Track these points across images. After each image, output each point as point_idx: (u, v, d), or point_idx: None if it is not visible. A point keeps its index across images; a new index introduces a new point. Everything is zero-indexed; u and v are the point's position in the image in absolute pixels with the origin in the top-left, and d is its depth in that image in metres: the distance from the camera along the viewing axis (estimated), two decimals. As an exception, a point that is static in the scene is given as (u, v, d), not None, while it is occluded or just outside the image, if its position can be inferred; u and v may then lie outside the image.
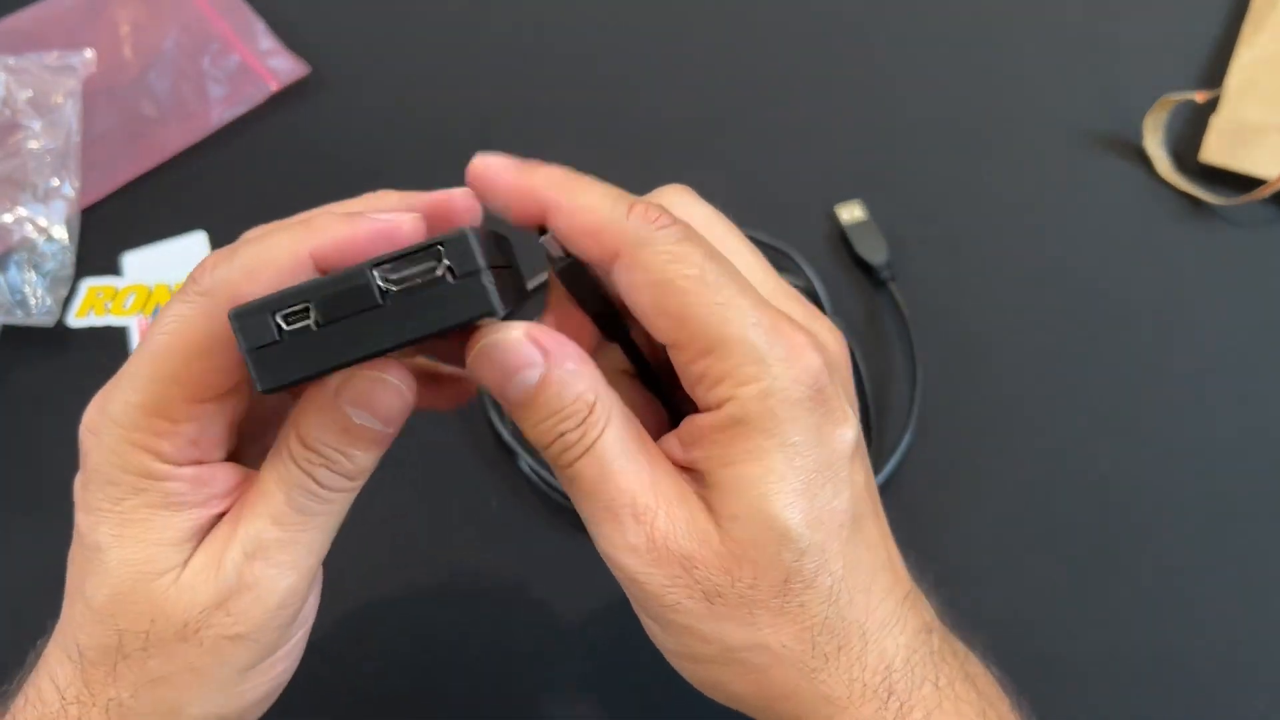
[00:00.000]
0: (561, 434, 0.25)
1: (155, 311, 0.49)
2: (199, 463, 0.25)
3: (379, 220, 0.24)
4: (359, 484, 0.26)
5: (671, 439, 0.26)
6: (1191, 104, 0.50)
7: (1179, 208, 0.49)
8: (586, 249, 0.26)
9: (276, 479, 0.25)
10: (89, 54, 0.55)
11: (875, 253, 0.48)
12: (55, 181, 0.50)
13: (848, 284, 0.48)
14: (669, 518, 0.24)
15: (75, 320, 0.49)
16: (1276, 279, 0.47)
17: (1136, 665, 0.39)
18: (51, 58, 0.54)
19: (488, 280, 0.23)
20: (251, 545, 0.24)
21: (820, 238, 0.49)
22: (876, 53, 0.55)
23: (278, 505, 0.25)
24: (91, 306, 0.49)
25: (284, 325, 0.23)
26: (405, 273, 0.23)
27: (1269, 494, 0.42)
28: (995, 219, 0.50)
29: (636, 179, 0.54)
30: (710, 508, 0.25)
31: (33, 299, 0.48)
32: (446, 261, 0.23)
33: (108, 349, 0.48)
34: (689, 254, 0.25)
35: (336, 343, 0.23)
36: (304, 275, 0.24)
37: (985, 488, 0.43)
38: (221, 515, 0.26)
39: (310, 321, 0.22)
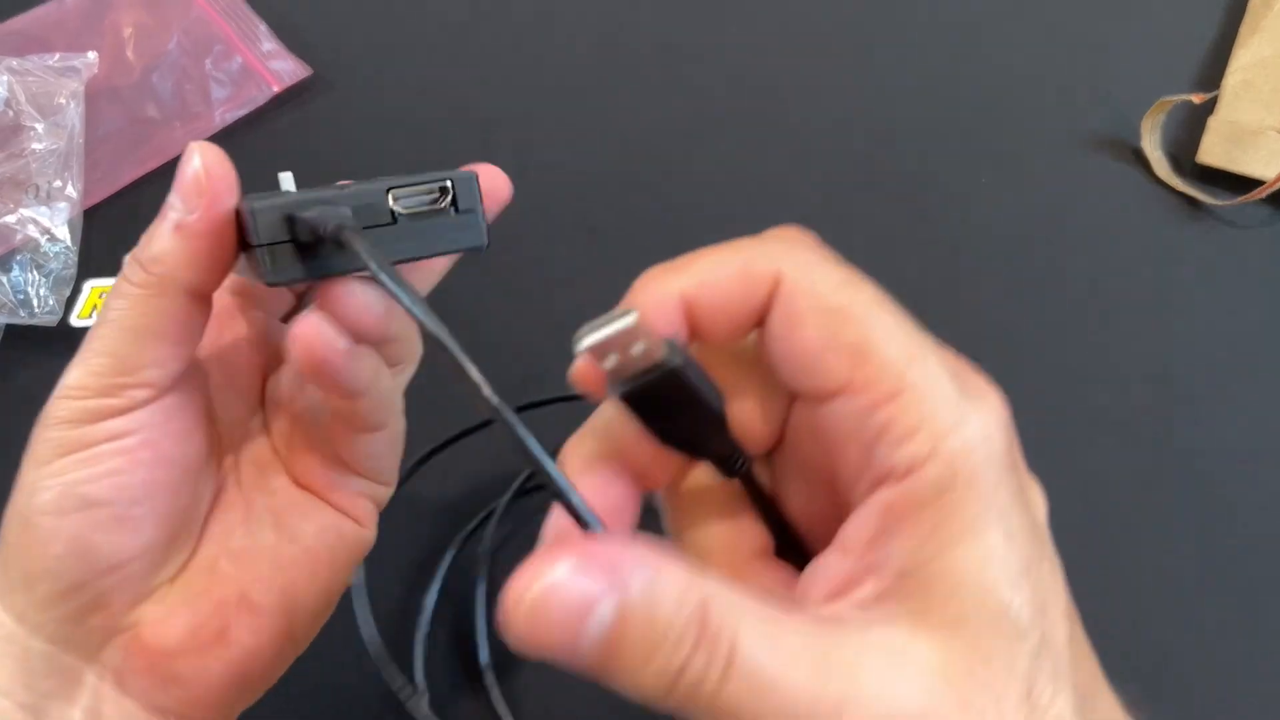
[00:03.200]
0: (682, 670, 0.17)
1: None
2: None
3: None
4: (158, 285, 0.25)
5: (827, 559, 0.20)
6: (1189, 105, 0.51)
7: (1176, 208, 0.49)
8: (731, 301, 0.21)
9: None
10: (92, 56, 0.55)
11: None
12: (58, 182, 0.51)
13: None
14: (862, 700, 0.17)
15: (78, 320, 0.49)
16: (1273, 279, 0.47)
17: (1136, 665, 0.39)
18: (55, 59, 0.54)
19: (483, 219, 0.26)
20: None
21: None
22: (875, 52, 0.56)
23: None
24: (94, 307, 0.49)
25: (295, 226, 0.24)
26: (415, 200, 0.25)
27: (1269, 494, 0.42)
28: (993, 219, 0.50)
29: (634, 177, 0.54)
30: (914, 626, 0.18)
31: (36, 299, 0.48)
32: (451, 196, 0.26)
33: (110, 349, 0.48)
34: (860, 280, 0.20)
35: (343, 252, 0.24)
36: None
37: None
38: None
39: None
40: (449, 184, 0.26)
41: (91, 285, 0.50)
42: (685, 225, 0.50)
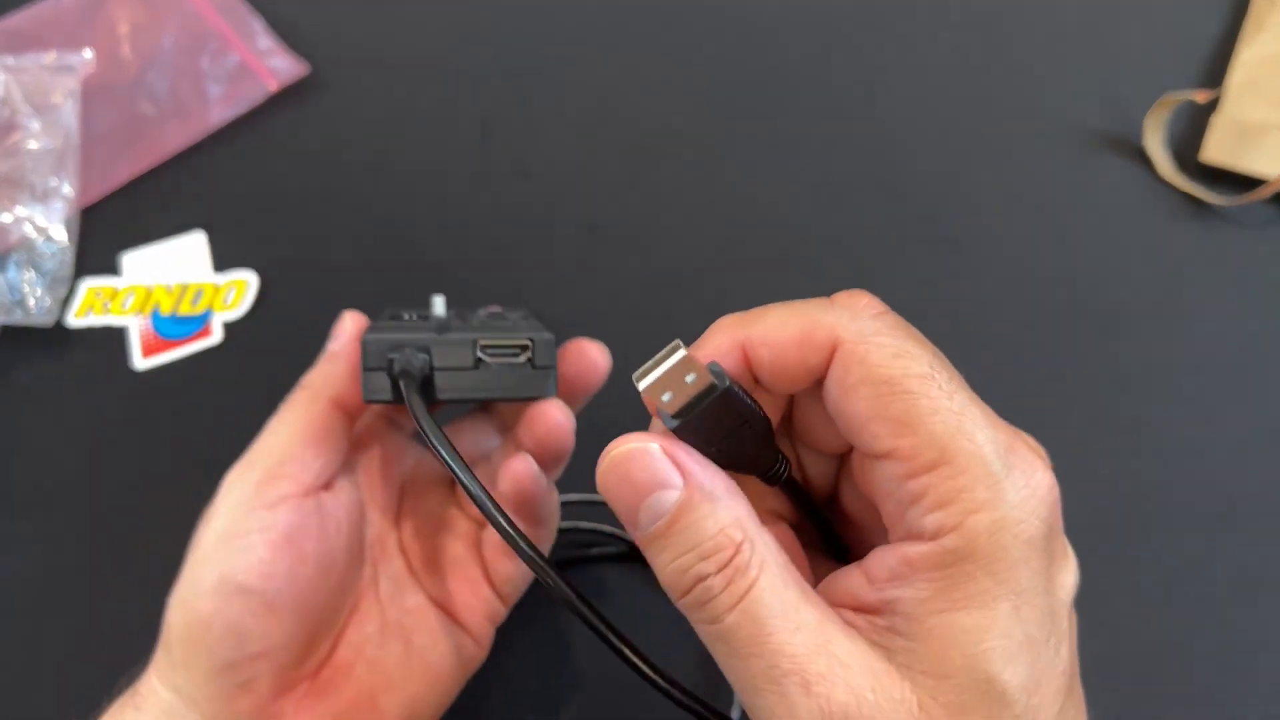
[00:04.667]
0: (703, 578, 0.21)
1: (154, 311, 0.49)
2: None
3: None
4: (310, 395, 0.31)
5: (854, 574, 0.22)
6: (1192, 104, 0.50)
7: (1180, 208, 0.49)
8: (788, 360, 0.22)
9: None
10: (88, 54, 0.55)
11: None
12: (54, 181, 0.50)
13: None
14: (849, 688, 0.20)
15: (74, 320, 0.49)
16: (1277, 279, 0.47)
17: (1136, 665, 0.39)
18: (50, 58, 0.54)
19: (554, 375, 0.31)
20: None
21: (820, 237, 0.49)
22: (876, 52, 0.55)
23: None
24: (90, 306, 0.49)
25: (396, 358, 0.29)
26: (499, 351, 0.30)
27: (1270, 494, 0.42)
28: (995, 219, 0.50)
29: (634, 177, 0.54)
30: (906, 664, 0.20)
31: (32, 299, 0.48)
32: (530, 353, 0.30)
33: (107, 349, 0.48)
34: (917, 351, 0.21)
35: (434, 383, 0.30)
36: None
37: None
38: None
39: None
40: (530, 343, 0.30)
41: (87, 285, 0.50)
42: (685, 225, 0.50)
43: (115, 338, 0.48)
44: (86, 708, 0.30)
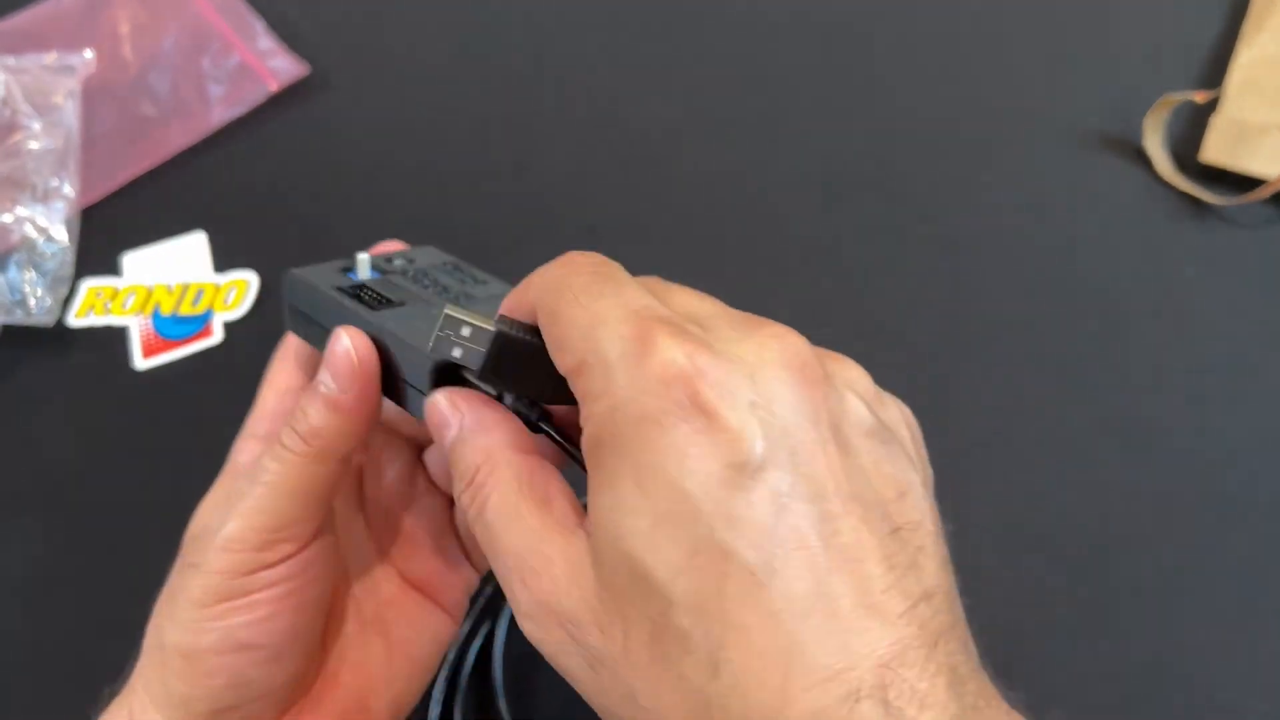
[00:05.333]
0: (460, 495, 0.25)
1: (155, 312, 0.49)
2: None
3: None
4: (315, 454, 0.28)
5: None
6: (1192, 104, 0.50)
7: (1179, 208, 0.49)
8: (528, 318, 0.25)
9: None
10: (89, 54, 0.55)
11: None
12: (55, 182, 0.50)
13: (848, 284, 0.48)
14: (552, 577, 0.22)
15: (75, 320, 0.49)
16: (1276, 279, 0.47)
17: (1136, 665, 0.39)
18: (51, 58, 0.54)
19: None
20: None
21: (820, 238, 0.49)
22: (875, 52, 0.55)
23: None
24: (91, 306, 0.49)
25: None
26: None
27: (1269, 494, 0.42)
28: (995, 219, 0.50)
29: (637, 178, 0.54)
30: (595, 553, 0.21)
31: (32, 299, 0.48)
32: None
33: (107, 349, 0.48)
34: (583, 262, 0.24)
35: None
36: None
37: (984, 488, 0.43)
38: None
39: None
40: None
41: (88, 285, 0.50)
42: (685, 225, 0.50)
43: (116, 338, 0.48)
44: (86, 706, 0.31)
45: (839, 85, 0.54)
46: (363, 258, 0.32)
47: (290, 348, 0.33)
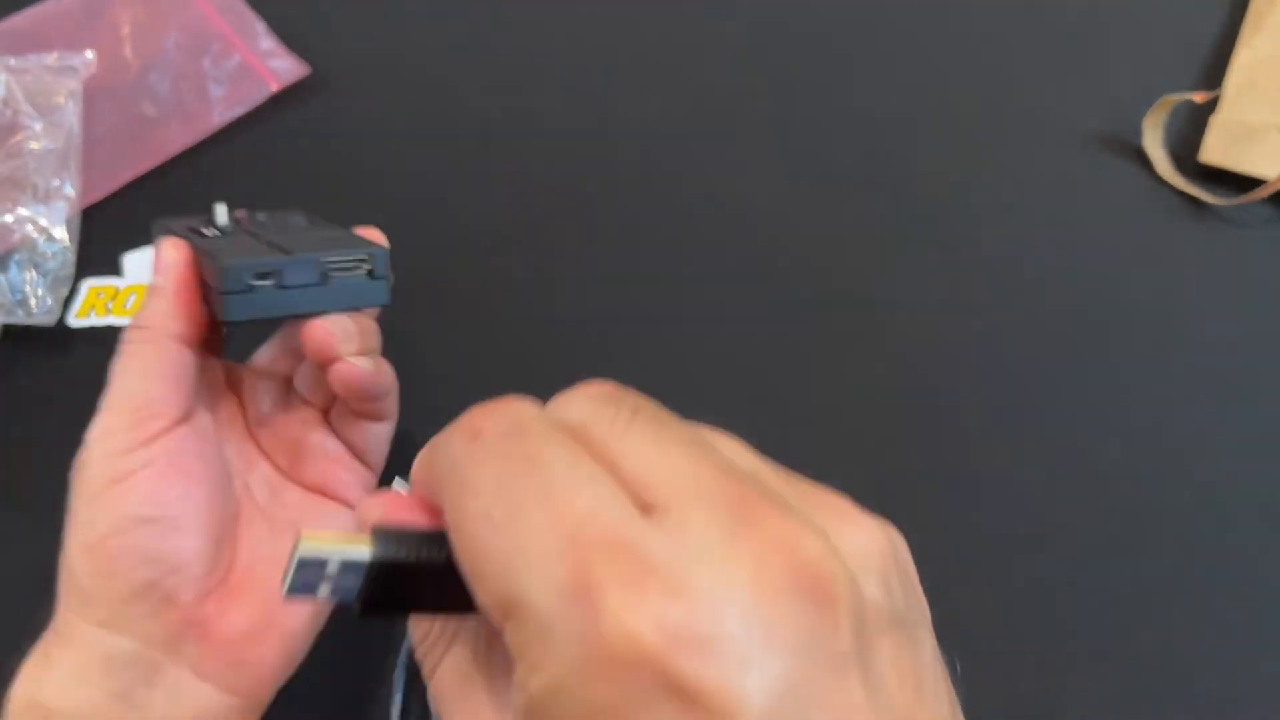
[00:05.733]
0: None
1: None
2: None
3: None
4: (151, 335, 0.33)
5: None
6: (1191, 104, 0.50)
7: (1178, 208, 0.49)
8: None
9: None
10: (89, 54, 0.55)
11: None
12: (56, 182, 0.50)
13: (847, 284, 0.48)
14: None
15: (76, 320, 0.49)
16: (1276, 279, 0.47)
17: (1136, 665, 0.39)
18: (52, 58, 0.54)
19: (389, 284, 0.35)
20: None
21: (820, 238, 0.49)
22: (875, 52, 0.55)
23: None
24: (92, 306, 0.49)
25: (254, 282, 0.33)
26: (343, 265, 0.34)
27: (1269, 494, 0.42)
28: (995, 219, 0.50)
29: (634, 176, 0.54)
30: None
31: (33, 299, 0.48)
32: (368, 266, 0.34)
33: (108, 349, 0.48)
34: (495, 428, 0.18)
35: (286, 300, 0.33)
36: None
37: (985, 488, 0.43)
38: None
39: (272, 283, 0.33)
40: (369, 257, 0.34)
41: (89, 285, 0.50)
42: (686, 225, 0.50)
43: (117, 338, 0.48)
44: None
45: (839, 85, 0.54)
46: (219, 206, 0.39)
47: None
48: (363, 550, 0.18)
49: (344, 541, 0.19)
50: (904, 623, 0.18)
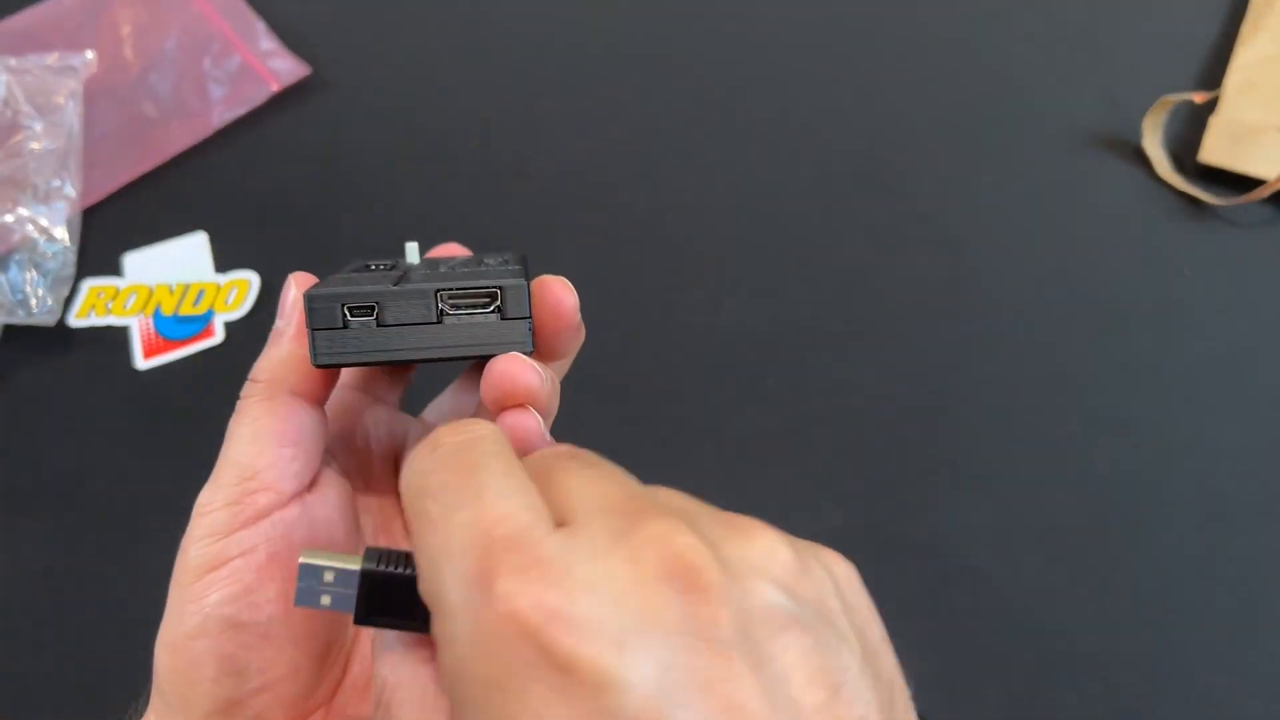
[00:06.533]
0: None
1: (156, 312, 0.49)
2: None
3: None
4: (266, 389, 0.27)
5: None
6: (1190, 104, 0.50)
7: (1178, 208, 0.49)
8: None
9: None
10: (90, 55, 0.55)
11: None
12: (56, 182, 0.51)
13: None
14: None
15: (76, 320, 0.49)
16: (1275, 279, 0.47)
17: (1136, 664, 0.39)
18: (53, 59, 0.54)
19: (529, 326, 0.27)
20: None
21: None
22: (875, 52, 0.55)
23: None
24: (92, 306, 0.49)
25: (349, 316, 0.26)
26: (463, 301, 0.27)
27: (1268, 493, 0.42)
28: (995, 219, 0.50)
29: (634, 176, 0.54)
30: None
31: (34, 299, 0.48)
32: (499, 302, 0.27)
33: (108, 349, 0.48)
34: (448, 448, 0.20)
35: (388, 342, 0.27)
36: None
37: (985, 487, 0.43)
38: None
39: (372, 319, 0.26)
40: (499, 291, 0.27)
41: (89, 285, 0.50)
42: (685, 225, 0.50)
43: (117, 338, 0.48)
44: (85, 705, 0.30)
45: (839, 85, 0.54)
46: (410, 245, 0.32)
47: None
48: (354, 562, 0.21)
49: (341, 557, 0.21)
50: (811, 626, 0.18)
